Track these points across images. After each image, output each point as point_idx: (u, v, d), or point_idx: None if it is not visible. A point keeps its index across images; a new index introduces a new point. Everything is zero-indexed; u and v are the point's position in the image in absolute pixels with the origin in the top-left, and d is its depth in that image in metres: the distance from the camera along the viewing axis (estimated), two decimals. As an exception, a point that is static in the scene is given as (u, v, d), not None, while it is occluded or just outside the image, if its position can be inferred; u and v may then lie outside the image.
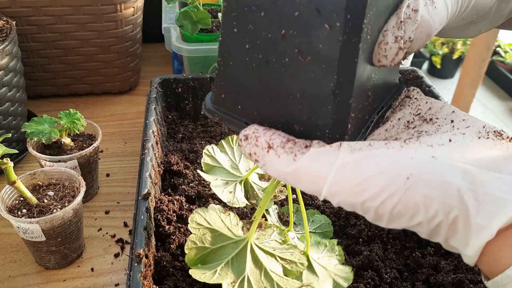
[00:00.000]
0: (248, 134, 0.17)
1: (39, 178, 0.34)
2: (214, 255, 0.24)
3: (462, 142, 0.16)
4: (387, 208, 0.15)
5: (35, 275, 0.33)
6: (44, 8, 0.46)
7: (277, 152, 0.16)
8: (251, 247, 0.24)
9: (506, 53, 1.59)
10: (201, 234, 0.24)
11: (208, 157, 0.31)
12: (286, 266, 0.25)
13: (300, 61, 0.16)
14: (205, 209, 0.25)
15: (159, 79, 0.45)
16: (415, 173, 0.14)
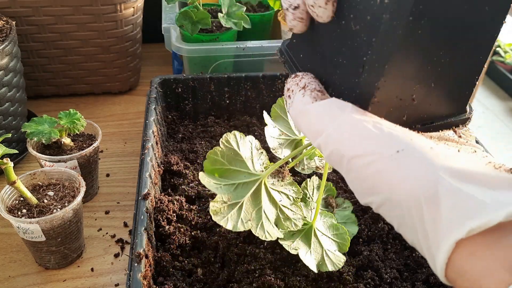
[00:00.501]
0: (298, 74, 0.19)
1: (39, 178, 0.34)
2: (228, 174, 0.25)
3: (467, 156, 0.16)
4: (369, 171, 0.15)
5: (35, 275, 0.33)
6: (44, 8, 0.46)
7: (305, 93, 0.18)
8: (259, 184, 0.25)
9: (506, 53, 1.59)
10: (225, 151, 0.25)
11: (279, 106, 0.32)
12: (280, 216, 0.26)
13: (351, 26, 0.17)
14: (242, 136, 0.27)
15: (159, 79, 0.45)
16: (406, 150, 0.15)
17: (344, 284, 0.30)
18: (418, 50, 0.16)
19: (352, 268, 0.31)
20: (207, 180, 0.24)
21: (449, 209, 0.13)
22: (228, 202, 0.24)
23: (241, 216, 0.24)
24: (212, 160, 0.25)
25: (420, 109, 0.18)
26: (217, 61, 0.49)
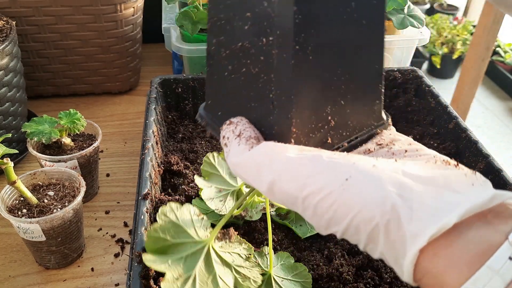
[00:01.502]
0: (232, 121, 0.19)
1: (39, 178, 0.34)
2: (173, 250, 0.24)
3: (406, 161, 0.17)
4: (325, 205, 0.15)
5: (35, 275, 0.33)
6: (44, 8, 0.46)
7: (240, 141, 0.18)
8: (207, 251, 0.24)
9: (506, 53, 1.59)
10: (165, 226, 0.24)
11: (208, 164, 0.32)
12: (239, 279, 0.25)
13: (251, 71, 0.17)
14: (179, 205, 0.25)
15: (159, 79, 0.45)
16: (353, 176, 0.15)
17: (344, 284, 0.30)
18: (316, 74, 0.17)
19: (352, 268, 0.31)
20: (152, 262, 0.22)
21: (407, 220, 0.14)
22: (180, 278, 0.23)
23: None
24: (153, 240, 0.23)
25: (340, 128, 0.19)
26: (217, 61, 0.49)
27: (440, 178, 0.15)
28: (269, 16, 0.16)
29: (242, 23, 0.17)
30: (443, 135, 0.43)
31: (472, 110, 1.29)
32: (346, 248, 0.33)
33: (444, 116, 0.43)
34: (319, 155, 0.16)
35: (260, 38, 0.17)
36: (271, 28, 0.16)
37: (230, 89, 0.19)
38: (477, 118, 1.45)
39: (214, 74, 0.20)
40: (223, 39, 0.18)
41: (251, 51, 0.17)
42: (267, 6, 0.16)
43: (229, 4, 0.18)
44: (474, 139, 0.38)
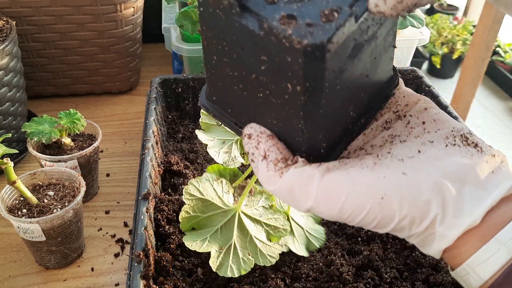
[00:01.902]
0: (251, 134, 0.18)
1: (39, 178, 0.34)
2: (206, 222, 0.25)
3: (430, 152, 0.17)
4: (366, 223, 0.17)
5: (35, 275, 0.33)
6: (44, 8, 0.46)
7: (269, 165, 0.17)
8: (238, 216, 0.26)
9: (506, 53, 1.59)
10: (194, 204, 0.25)
11: (205, 115, 0.31)
12: (270, 231, 0.26)
13: (271, 100, 0.17)
14: (199, 179, 0.27)
15: (159, 79, 0.45)
16: (389, 192, 0.16)
17: (344, 283, 0.30)
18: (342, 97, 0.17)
19: (352, 268, 0.31)
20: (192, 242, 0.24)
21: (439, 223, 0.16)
22: (222, 251, 0.24)
23: (240, 256, 0.25)
24: (187, 220, 0.25)
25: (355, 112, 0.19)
26: (217, 61, 0.49)
27: (464, 171, 0.17)
28: (295, 70, 0.15)
29: (255, 61, 0.16)
30: (443, 135, 0.43)
31: (472, 110, 1.29)
32: (346, 248, 0.33)
33: (444, 116, 0.43)
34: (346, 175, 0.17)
35: (283, 82, 0.16)
36: (298, 80, 0.15)
37: (241, 99, 0.18)
38: (477, 118, 1.45)
39: (217, 81, 0.19)
40: (228, 61, 0.17)
41: (271, 86, 0.16)
42: (292, 63, 0.15)
43: (234, 39, 0.16)
44: (474, 139, 0.38)
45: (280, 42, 0.15)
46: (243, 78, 0.17)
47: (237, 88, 0.18)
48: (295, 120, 0.17)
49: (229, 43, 0.16)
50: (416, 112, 0.19)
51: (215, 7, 0.16)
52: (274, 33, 0.14)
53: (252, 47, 0.16)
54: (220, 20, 0.16)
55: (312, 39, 0.14)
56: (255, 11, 0.15)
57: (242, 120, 0.19)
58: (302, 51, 0.14)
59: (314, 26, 0.14)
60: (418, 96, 0.20)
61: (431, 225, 0.16)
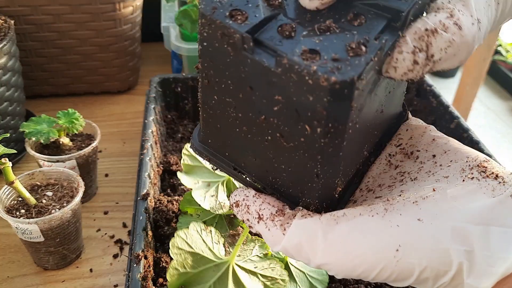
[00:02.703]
0: (238, 201, 0.17)
1: (37, 178, 0.33)
2: (197, 278, 0.23)
3: (446, 189, 0.16)
4: (381, 278, 0.15)
5: (33, 276, 0.33)
6: (43, 7, 0.46)
7: (267, 224, 0.16)
8: (232, 270, 0.24)
9: (508, 52, 1.58)
10: (182, 259, 0.23)
11: (187, 156, 0.29)
12: (267, 283, 0.24)
13: (282, 143, 0.15)
14: (186, 231, 0.25)
15: (158, 78, 0.44)
16: (404, 243, 0.14)
17: (345, 285, 0.30)
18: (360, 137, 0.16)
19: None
20: None
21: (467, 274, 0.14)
22: None
23: None
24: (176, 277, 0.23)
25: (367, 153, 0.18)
26: (217, 60, 0.49)
27: (488, 211, 0.15)
28: (317, 110, 0.13)
29: (267, 101, 0.14)
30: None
31: (474, 110, 1.28)
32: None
33: (445, 116, 0.43)
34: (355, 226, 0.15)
35: (300, 124, 0.14)
36: (319, 121, 0.13)
37: (244, 142, 0.16)
38: (479, 118, 1.45)
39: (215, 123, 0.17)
40: (231, 101, 0.16)
41: (284, 128, 0.15)
42: (314, 102, 0.13)
43: (243, 77, 0.14)
44: (476, 139, 0.38)
45: (301, 80, 0.13)
46: (249, 120, 0.16)
47: (239, 130, 0.16)
48: (310, 165, 0.15)
49: (236, 81, 0.15)
50: (424, 145, 0.18)
51: (223, 42, 0.14)
52: (295, 69, 0.13)
53: (264, 86, 0.14)
54: (227, 57, 0.14)
55: (341, 75, 0.12)
56: (270, 46, 0.13)
57: (242, 164, 0.17)
58: (328, 89, 0.13)
59: (341, 61, 0.13)
60: (424, 127, 0.18)
61: (457, 275, 0.14)
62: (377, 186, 0.17)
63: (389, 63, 0.14)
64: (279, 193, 0.17)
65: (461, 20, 0.14)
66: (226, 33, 0.14)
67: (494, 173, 0.16)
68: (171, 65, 0.59)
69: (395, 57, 0.14)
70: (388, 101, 0.17)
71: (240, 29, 0.13)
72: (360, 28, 0.14)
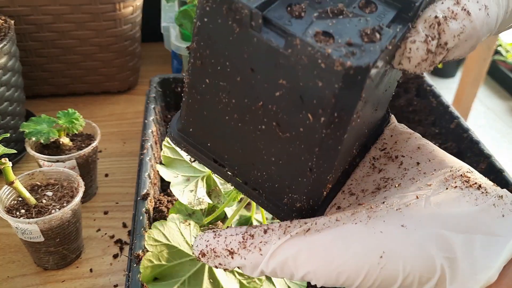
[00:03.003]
0: (202, 250, 0.16)
1: (37, 178, 0.33)
2: (171, 272, 0.23)
3: (430, 197, 0.15)
4: (365, 286, 0.15)
5: (33, 276, 0.33)
6: (43, 7, 0.46)
7: (241, 254, 0.15)
8: (209, 266, 0.22)
9: (508, 52, 1.58)
10: (158, 251, 0.23)
11: (168, 149, 0.28)
12: (243, 282, 0.24)
13: (278, 133, 0.14)
14: (164, 222, 0.24)
15: (158, 78, 0.44)
16: (387, 250, 0.14)
17: None
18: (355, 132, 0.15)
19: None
20: None
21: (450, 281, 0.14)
22: None
23: None
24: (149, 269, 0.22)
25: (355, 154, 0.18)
26: (217, 60, 0.49)
27: (471, 219, 0.15)
28: (325, 97, 0.13)
29: (268, 85, 0.14)
30: (445, 135, 0.42)
31: (474, 110, 1.28)
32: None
33: (445, 116, 0.43)
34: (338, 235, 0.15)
35: (301, 112, 0.13)
36: (325, 109, 0.13)
37: (231, 131, 0.15)
38: (479, 118, 1.45)
39: (202, 110, 0.16)
40: (225, 85, 0.14)
41: (282, 116, 0.14)
42: (323, 88, 0.12)
43: (245, 58, 0.13)
44: (475, 139, 0.38)
45: (313, 63, 0.12)
46: (243, 107, 0.14)
47: (229, 118, 0.15)
48: (305, 158, 0.14)
49: (236, 63, 0.14)
50: (408, 151, 0.17)
51: (227, 18, 0.13)
52: (308, 51, 0.12)
53: (268, 69, 0.13)
54: (229, 34, 0.13)
55: (356, 61, 0.12)
56: (279, 26, 0.12)
57: (225, 157, 0.16)
58: (342, 74, 0.12)
59: (356, 46, 0.12)
60: (409, 133, 0.18)
61: (440, 283, 0.14)
62: (360, 191, 0.17)
63: (402, 54, 0.14)
64: (262, 189, 0.16)
65: (468, 6, 0.14)
66: (233, 8, 0.13)
67: (477, 183, 0.16)
68: (171, 65, 0.59)
69: (408, 47, 0.13)
70: (383, 99, 0.17)
71: (249, 4, 0.12)
72: (371, 15, 0.13)
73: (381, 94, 0.16)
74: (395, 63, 0.14)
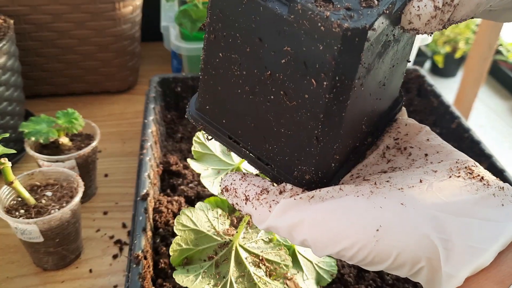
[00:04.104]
0: (227, 186, 0.18)
1: (37, 179, 0.33)
2: (199, 256, 0.24)
3: (432, 182, 0.16)
4: (359, 257, 0.15)
5: (33, 276, 0.33)
6: (42, 7, 0.46)
7: (253, 204, 0.17)
8: (236, 250, 0.24)
9: (509, 52, 1.58)
10: (186, 236, 0.24)
11: (198, 144, 0.30)
12: (270, 267, 0.25)
13: (285, 102, 0.15)
14: (192, 209, 0.25)
15: (158, 78, 0.44)
16: (384, 224, 0.15)
17: (345, 285, 0.30)
18: (362, 102, 0.16)
19: (353, 270, 0.31)
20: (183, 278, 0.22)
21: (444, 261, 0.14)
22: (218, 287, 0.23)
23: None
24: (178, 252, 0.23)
25: (366, 131, 0.18)
26: (217, 60, 0.49)
27: (469, 205, 0.15)
28: (326, 60, 0.13)
29: (275, 53, 0.15)
30: (446, 135, 0.42)
31: (475, 110, 1.28)
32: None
33: (446, 116, 0.42)
34: (341, 204, 0.15)
35: (306, 78, 0.14)
36: (327, 73, 0.14)
37: (242, 106, 0.17)
38: (480, 118, 1.44)
39: (216, 85, 0.17)
40: (237, 57, 0.16)
41: (289, 84, 0.15)
42: (324, 51, 0.13)
43: (253, 28, 0.15)
44: (476, 139, 0.38)
45: (314, 27, 0.13)
46: (253, 78, 0.16)
47: (241, 92, 0.16)
48: (311, 126, 0.15)
49: (245, 33, 0.15)
50: (418, 143, 0.18)
51: None
52: (309, 15, 0.13)
53: (274, 37, 0.14)
54: (239, 6, 0.14)
55: (353, 23, 0.13)
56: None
57: (239, 132, 0.18)
58: (340, 36, 0.13)
59: (354, 10, 0.13)
60: (420, 127, 0.19)
61: (434, 262, 0.15)
62: (367, 174, 0.18)
63: (411, 13, 0.14)
64: (273, 163, 0.17)
65: None
66: None
67: (480, 175, 0.16)
68: (171, 64, 0.59)
69: (416, 5, 0.14)
70: (390, 75, 0.17)
71: None
72: None
73: (387, 69, 0.17)
74: (405, 24, 0.15)
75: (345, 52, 0.13)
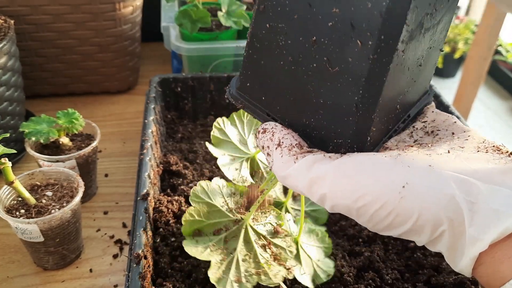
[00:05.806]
0: (266, 128, 0.18)
1: (37, 178, 0.33)
2: (210, 229, 0.24)
3: (460, 153, 0.16)
4: (381, 215, 0.15)
5: (33, 276, 0.33)
6: (43, 7, 0.46)
7: (283, 151, 0.17)
8: (246, 229, 0.24)
9: (508, 52, 1.58)
10: (199, 208, 0.24)
11: (218, 130, 0.31)
12: (275, 250, 0.25)
13: (328, 69, 0.16)
14: (208, 182, 0.26)
15: (158, 78, 0.44)
16: (411, 182, 0.15)
17: (345, 285, 0.30)
18: (402, 71, 0.16)
19: (353, 269, 0.31)
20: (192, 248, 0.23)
21: (469, 223, 0.14)
22: (223, 262, 0.23)
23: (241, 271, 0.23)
24: (189, 223, 0.24)
25: (398, 114, 0.18)
26: (217, 60, 0.49)
27: (497, 174, 0.15)
28: (373, 18, 0.14)
29: (322, 17, 0.15)
30: (445, 135, 0.42)
31: (474, 110, 1.28)
32: (347, 249, 0.33)
33: (446, 115, 0.42)
34: (368, 160, 0.15)
35: (352, 39, 0.15)
36: (373, 31, 0.14)
37: (283, 80, 0.17)
38: (479, 118, 1.45)
39: (260, 59, 0.18)
40: (283, 27, 0.16)
41: (333, 49, 0.15)
42: (372, 8, 0.14)
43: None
44: (476, 139, 0.38)
45: None
46: (297, 47, 0.16)
47: (284, 62, 0.17)
48: (352, 92, 0.16)
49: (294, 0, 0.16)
50: (445, 126, 0.18)
51: None
52: None
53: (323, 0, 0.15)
54: None
55: None
56: None
57: (277, 108, 0.18)
58: None
59: None
60: (447, 115, 0.19)
61: (457, 224, 0.14)
62: (394, 146, 0.18)
63: None
64: (309, 139, 0.18)
65: None
66: None
67: (509, 152, 0.16)
68: (171, 65, 0.59)
69: None
70: (427, 58, 0.18)
71: None
72: None
73: (426, 48, 0.17)
74: None
75: (392, 9, 0.14)
